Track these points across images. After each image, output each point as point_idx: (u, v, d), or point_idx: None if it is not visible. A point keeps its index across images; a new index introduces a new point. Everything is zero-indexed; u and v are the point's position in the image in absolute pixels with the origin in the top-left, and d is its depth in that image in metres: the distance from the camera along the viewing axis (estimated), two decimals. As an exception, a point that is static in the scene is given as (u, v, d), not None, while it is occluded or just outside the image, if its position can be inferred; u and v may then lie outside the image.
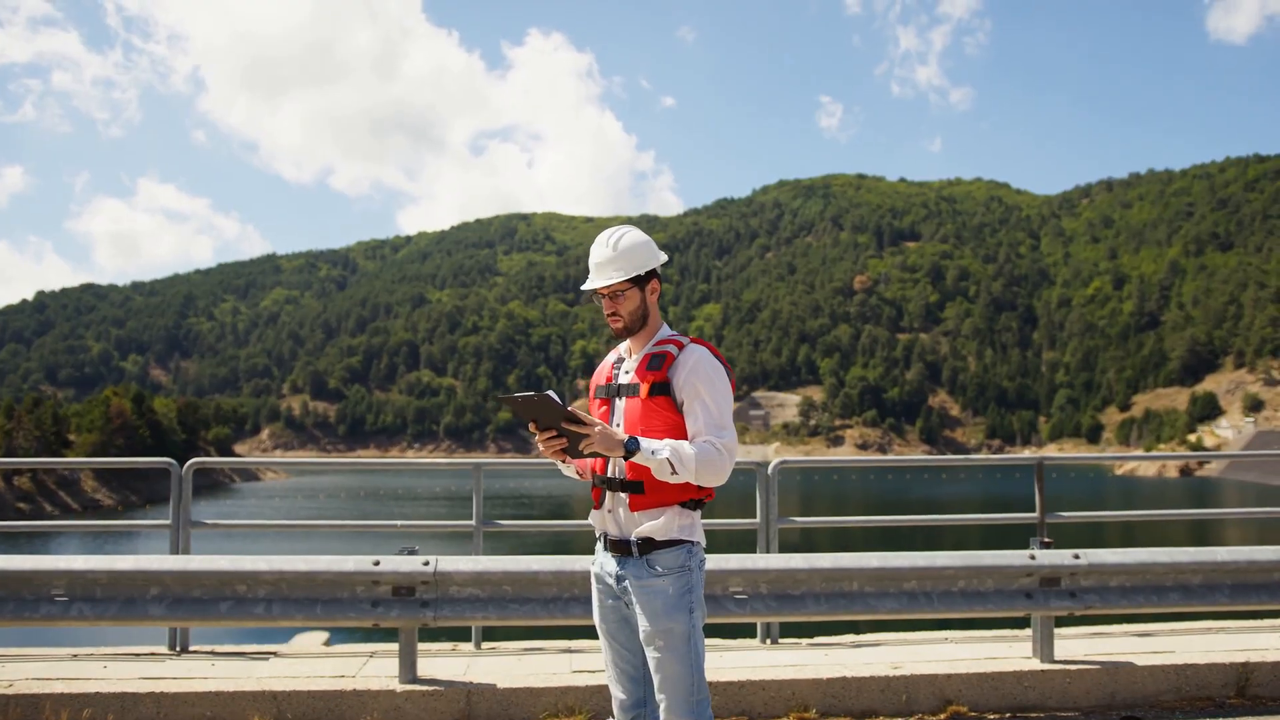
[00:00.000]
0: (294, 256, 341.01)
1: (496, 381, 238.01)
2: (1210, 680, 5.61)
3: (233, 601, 5.07)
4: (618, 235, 3.24)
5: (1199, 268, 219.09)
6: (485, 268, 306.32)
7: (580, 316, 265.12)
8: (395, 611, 5.09)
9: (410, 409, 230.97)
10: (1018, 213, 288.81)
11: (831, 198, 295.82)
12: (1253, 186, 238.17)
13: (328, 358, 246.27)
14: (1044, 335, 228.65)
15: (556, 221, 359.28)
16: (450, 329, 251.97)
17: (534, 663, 5.65)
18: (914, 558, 5.50)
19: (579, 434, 2.93)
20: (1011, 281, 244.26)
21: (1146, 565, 5.68)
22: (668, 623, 3.05)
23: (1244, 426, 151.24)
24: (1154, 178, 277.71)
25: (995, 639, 6.32)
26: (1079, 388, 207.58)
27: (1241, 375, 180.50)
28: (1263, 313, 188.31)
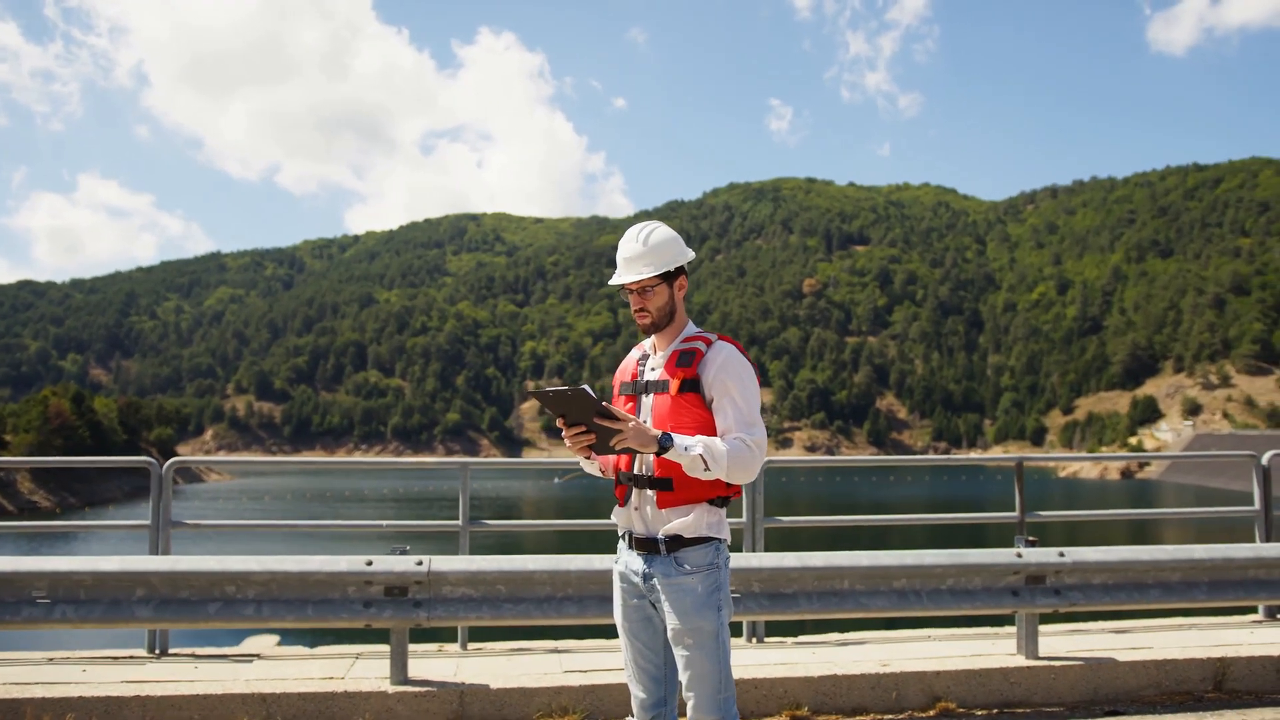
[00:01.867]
0: (239, 255, 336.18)
1: (445, 382, 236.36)
2: (1189, 675, 5.72)
3: (221, 603, 4.98)
4: (648, 230, 3.22)
5: (1140, 274, 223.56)
6: (434, 268, 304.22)
7: (529, 318, 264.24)
8: (388, 612, 5.03)
9: (357, 410, 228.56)
10: (964, 218, 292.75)
11: (781, 201, 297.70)
12: (1191, 195, 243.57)
13: (273, 358, 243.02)
14: (989, 339, 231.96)
15: (506, 222, 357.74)
16: (398, 329, 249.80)
17: (524, 663, 5.61)
18: (904, 556, 5.54)
19: (612, 430, 2.91)
20: (958, 286, 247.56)
21: (1128, 563, 5.78)
22: (697, 620, 3.04)
23: (1183, 430, 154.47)
24: (1097, 185, 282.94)
25: (978, 636, 6.40)
26: (1023, 391, 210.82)
27: (1180, 379, 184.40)
28: (1201, 318, 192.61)
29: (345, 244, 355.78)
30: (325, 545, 25.45)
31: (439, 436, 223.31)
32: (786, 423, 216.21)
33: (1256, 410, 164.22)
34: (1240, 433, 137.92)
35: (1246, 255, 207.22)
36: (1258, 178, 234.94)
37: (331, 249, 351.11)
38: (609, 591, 5.29)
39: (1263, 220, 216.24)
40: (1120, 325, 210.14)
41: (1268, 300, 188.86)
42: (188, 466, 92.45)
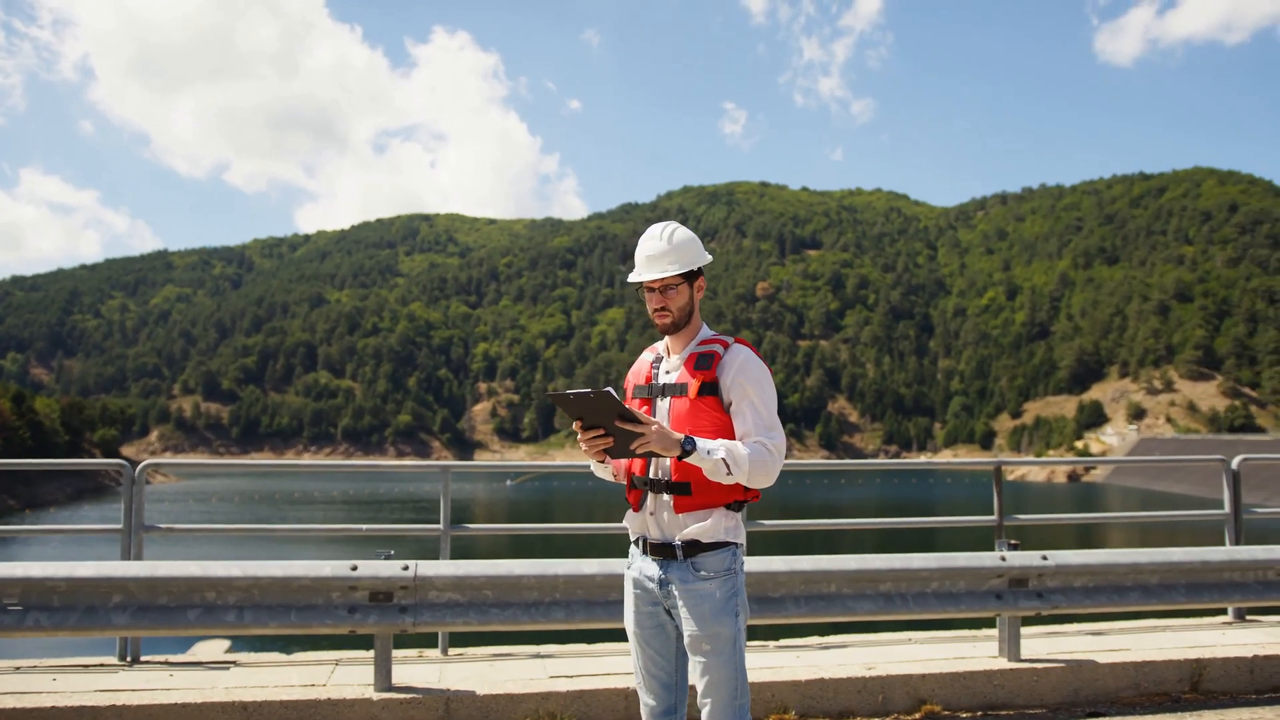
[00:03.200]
0: (187, 253, 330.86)
1: (396, 384, 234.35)
2: (1166, 676, 5.80)
3: (202, 609, 4.86)
4: (670, 229, 3.18)
5: (1087, 280, 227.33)
6: (386, 268, 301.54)
7: (482, 319, 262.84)
8: (373, 617, 4.94)
9: (307, 411, 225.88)
10: (916, 223, 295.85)
11: (735, 205, 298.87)
12: (1137, 203, 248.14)
13: (221, 358, 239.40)
14: (940, 344, 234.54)
15: (459, 223, 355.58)
16: (349, 330, 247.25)
17: (508, 669, 5.54)
18: (890, 559, 5.55)
19: (634, 433, 2.85)
20: (909, 291, 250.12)
21: (1109, 566, 5.85)
22: (715, 626, 3.00)
23: (1127, 434, 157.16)
24: (1045, 192, 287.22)
25: (958, 639, 6.43)
26: (973, 395, 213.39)
27: (1125, 384, 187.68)
28: (1146, 324, 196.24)
29: (296, 243, 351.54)
30: (296, 549, 25.16)
31: (390, 438, 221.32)
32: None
33: (1198, 415, 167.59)
34: (1182, 437, 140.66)
35: (1189, 263, 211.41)
36: (1200, 187, 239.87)
37: (282, 248, 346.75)
38: (596, 596, 5.25)
39: (1205, 229, 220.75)
40: (1067, 331, 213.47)
41: (1209, 307, 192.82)
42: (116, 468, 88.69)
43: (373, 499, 79.88)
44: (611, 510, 25.37)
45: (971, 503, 74.76)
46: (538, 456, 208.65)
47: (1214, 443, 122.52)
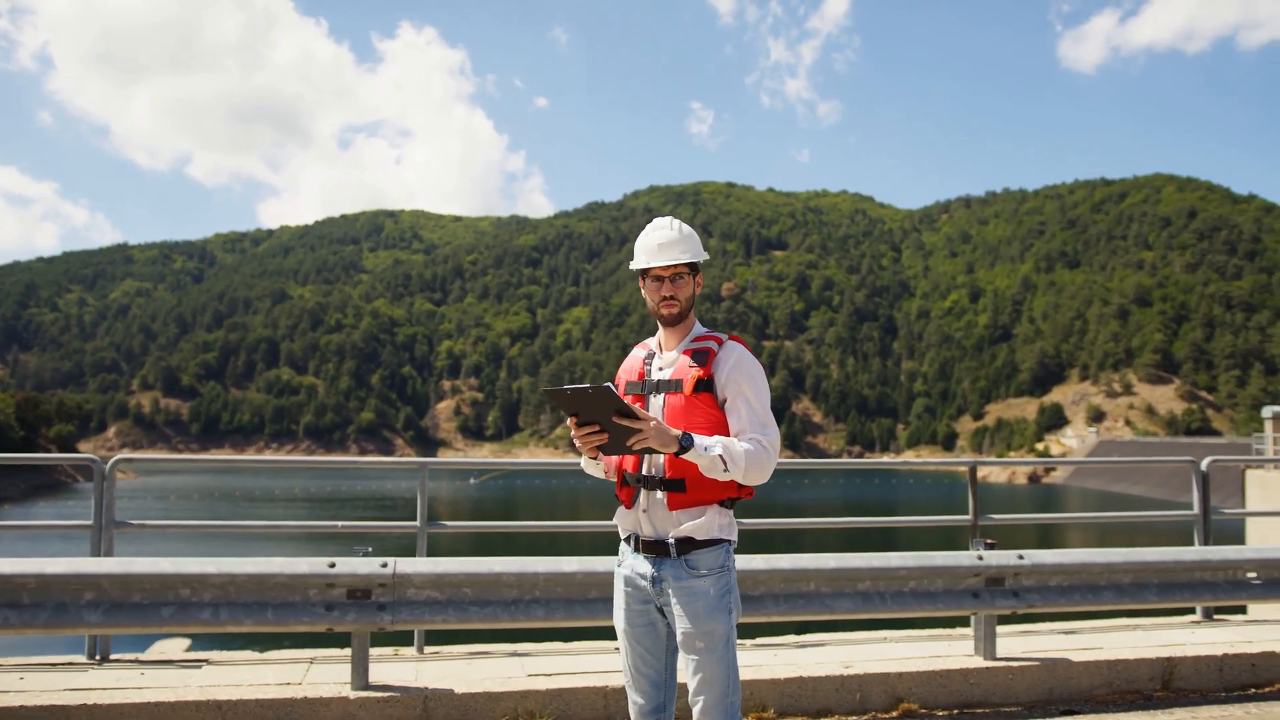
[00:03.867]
0: (147, 247, 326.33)
1: (359, 381, 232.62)
2: (1139, 674, 5.86)
3: (176, 606, 4.78)
4: (677, 221, 3.21)
5: (1049, 284, 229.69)
6: (350, 264, 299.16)
7: (447, 317, 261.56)
8: (351, 615, 4.89)
9: (269, 407, 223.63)
10: (881, 225, 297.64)
11: (701, 205, 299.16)
12: (1099, 208, 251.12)
13: (182, 353, 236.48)
14: (903, 345, 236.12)
15: (425, 219, 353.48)
16: (312, 326, 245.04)
17: (485, 667, 5.50)
18: (869, 559, 5.57)
19: (631, 429, 2.83)
20: (874, 292, 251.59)
21: (1084, 565, 5.90)
22: (709, 624, 2.99)
23: (1087, 436, 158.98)
24: (1009, 196, 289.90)
25: (933, 638, 6.47)
26: (936, 397, 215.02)
27: (1086, 387, 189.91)
28: (1106, 328, 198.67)
29: (259, 238, 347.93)
30: (265, 546, 24.87)
31: (353, 436, 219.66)
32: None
33: (1156, 418, 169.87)
34: (1141, 439, 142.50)
35: (1149, 268, 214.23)
36: (1160, 193, 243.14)
37: (244, 243, 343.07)
38: (576, 594, 5.22)
39: (1164, 234, 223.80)
40: (1029, 334, 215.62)
41: (1168, 312, 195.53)
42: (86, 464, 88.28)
43: (335, 496, 79.35)
44: (577, 508, 25.79)
45: (934, 503, 75.45)
46: (501, 454, 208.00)
47: (1171, 445, 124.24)
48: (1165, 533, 37.33)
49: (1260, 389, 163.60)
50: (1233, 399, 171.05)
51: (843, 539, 31.71)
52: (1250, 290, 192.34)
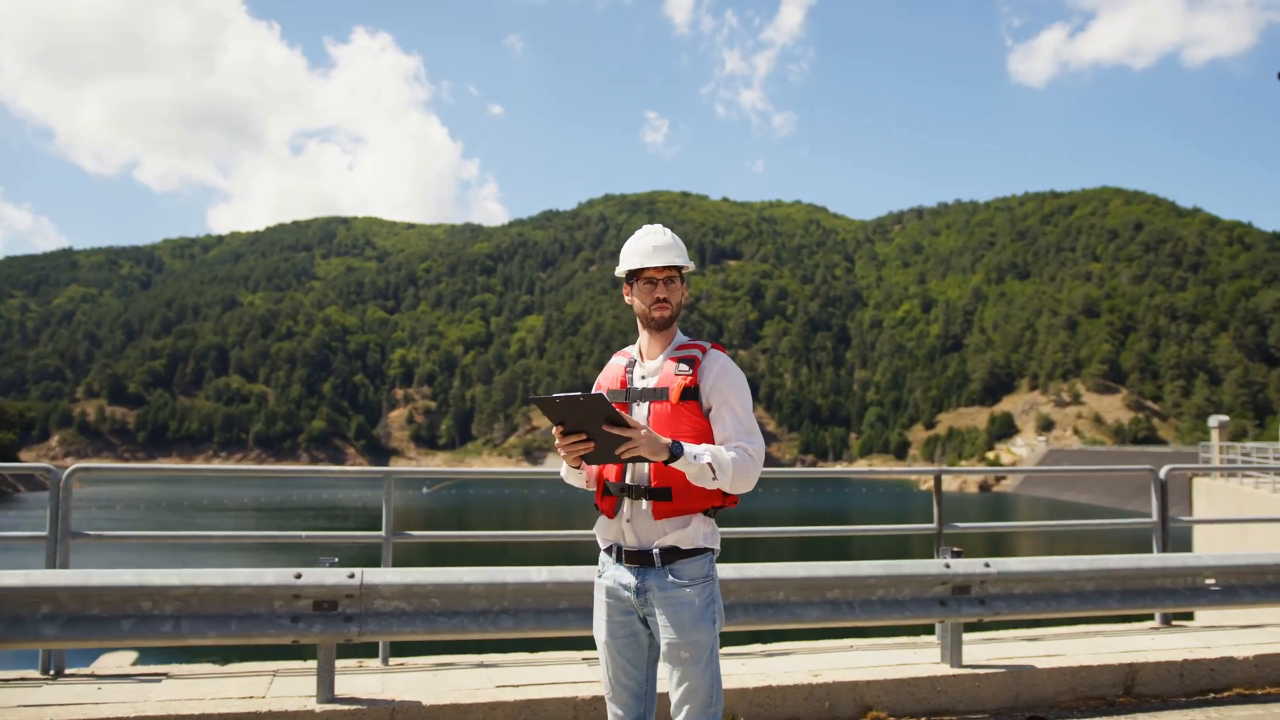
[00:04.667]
0: (93, 252, 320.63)
1: (311, 389, 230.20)
2: (1101, 680, 5.91)
3: (136, 619, 4.67)
4: (665, 228, 3.19)
5: (999, 294, 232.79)
6: (302, 271, 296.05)
7: (400, 325, 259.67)
8: (317, 627, 4.80)
9: (218, 416, 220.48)
10: (834, 236, 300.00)
11: (657, 214, 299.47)
12: (1048, 220, 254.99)
13: (128, 360, 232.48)
14: (856, 355, 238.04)
15: (378, 226, 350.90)
16: (263, 333, 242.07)
17: (452, 678, 5.43)
18: (838, 567, 5.59)
19: (620, 438, 2.79)
20: (827, 302, 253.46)
21: (1048, 573, 5.96)
22: (695, 634, 2.96)
23: (1036, 445, 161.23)
24: (960, 208, 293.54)
25: (898, 646, 6.48)
26: (888, 406, 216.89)
27: (1035, 397, 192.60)
28: (1055, 338, 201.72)
29: (208, 244, 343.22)
30: (228, 556, 24.46)
31: (303, 444, 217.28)
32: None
33: (1104, 427, 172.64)
34: (1089, 448, 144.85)
35: (1097, 279, 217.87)
36: (1108, 206, 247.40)
37: (193, 249, 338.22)
38: (545, 605, 5.18)
39: (1112, 246, 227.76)
40: (980, 344, 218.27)
41: (1115, 323, 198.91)
42: (31, 474, 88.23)
43: (286, 506, 78.41)
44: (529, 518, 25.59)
45: (887, 512, 76.12)
46: (454, 463, 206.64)
47: (1119, 454, 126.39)
48: (1111, 540, 37.88)
49: (1204, 398, 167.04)
50: (1178, 408, 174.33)
51: (796, 548, 31.86)
52: (1194, 302, 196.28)
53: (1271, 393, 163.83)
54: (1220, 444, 33.60)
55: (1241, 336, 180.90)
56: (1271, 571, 6.50)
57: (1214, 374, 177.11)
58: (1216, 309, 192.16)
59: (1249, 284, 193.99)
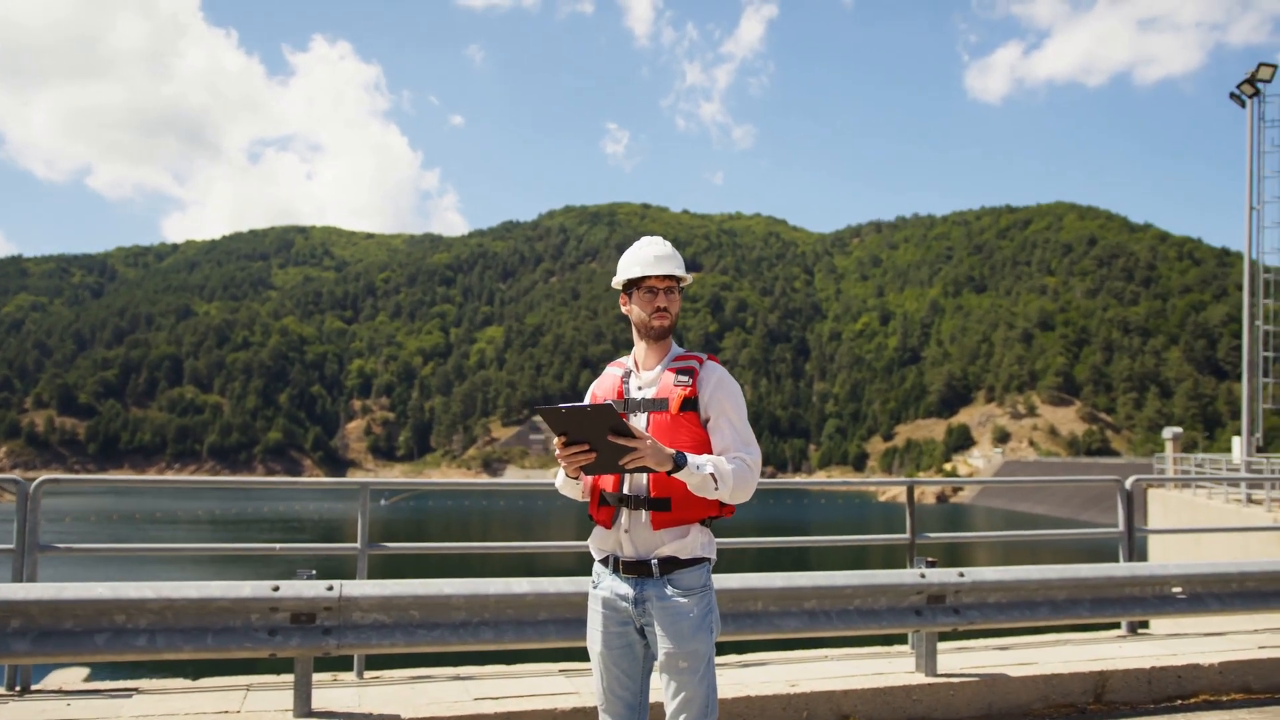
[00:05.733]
0: (43, 260, 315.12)
1: (267, 400, 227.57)
2: (1073, 688, 5.99)
3: (110, 633, 4.59)
4: (663, 239, 3.22)
5: (956, 307, 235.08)
6: (258, 281, 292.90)
7: (358, 335, 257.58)
8: (295, 640, 4.75)
9: (171, 427, 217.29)
10: (794, 249, 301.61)
11: (617, 225, 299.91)
12: (1004, 234, 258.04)
13: (79, 370, 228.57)
14: (815, 367, 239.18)
15: (336, 236, 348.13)
16: (218, 343, 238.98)
17: (429, 691, 5.39)
18: (815, 577, 5.61)
19: (624, 448, 2.79)
20: (787, 314, 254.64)
21: (1021, 582, 6.03)
22: (693, 644, 2.97)
23: (993, 456, 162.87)
24: (918, 222, 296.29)
25: (873, 655, 6.53)
26: (847, 418, 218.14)
27: (991, 409, 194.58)
28: (1011, 351, 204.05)
29: (163, 252, 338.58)
30: (189, 569, 24.16)
31: (259, 456, 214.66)
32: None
33: (1059, 439, 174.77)
34: (1044, 459, 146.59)
35: (1051, 293, 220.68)
36: (1062, 221, 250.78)
37: (147, 257, 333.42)
38: (525, 616, 5.16)
39: (1066, 261, 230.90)
40: (937, 356, 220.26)
41: (1069, 336, 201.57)
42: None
43: (240, 518, 77.53)
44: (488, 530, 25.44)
45: (846, 522, 76.57)
46: (413, 475, 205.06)
47: (1073, 465, 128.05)
48: (1066, 549, 38.37)
49: (1156, 411, 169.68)
50: (1130, 420, 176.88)
51: (757, 559, 31.92)
52: (1146, 316, 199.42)
53: (1220, 405, 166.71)
54: (1174, 455, 34.19)
55: (1191, 350, 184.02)
56: (1235, 580, 6.62)
57: (1165, 387, 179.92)
58: (1167, 323, 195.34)
59: (1198, 299, 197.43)
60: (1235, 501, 23.74)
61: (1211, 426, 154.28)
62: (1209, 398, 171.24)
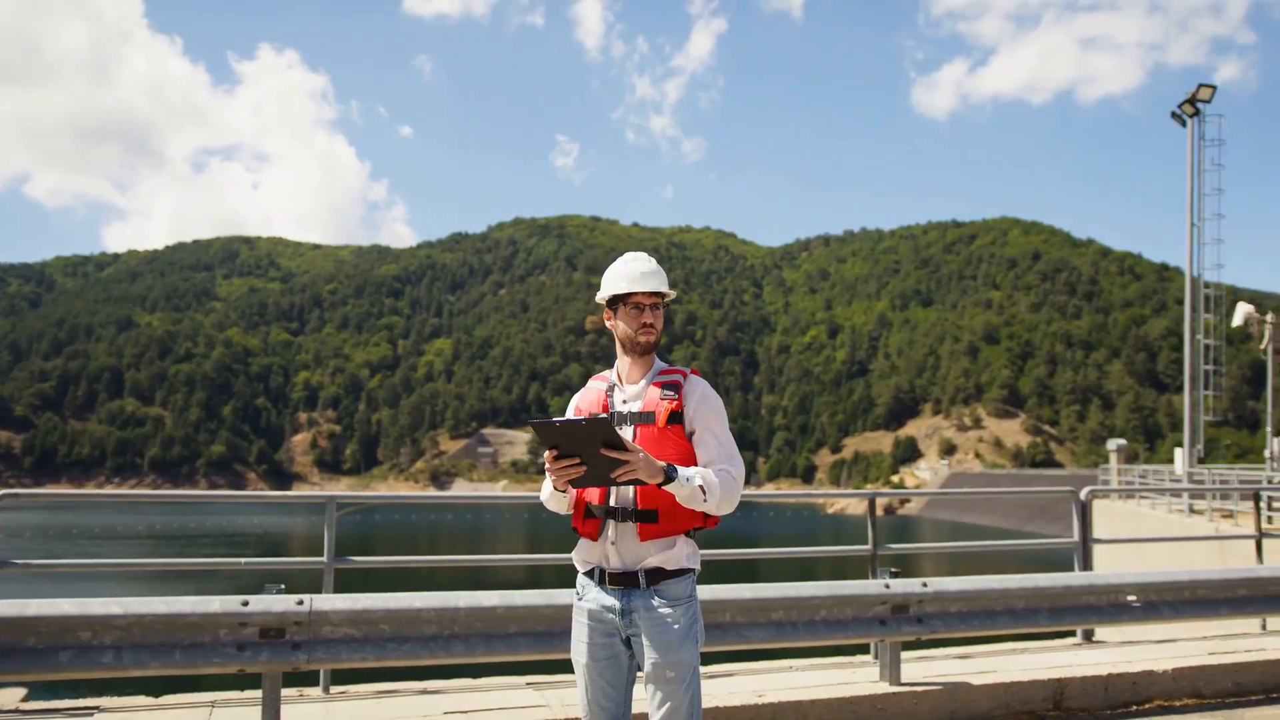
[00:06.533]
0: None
1: (210, 412, 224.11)
2: (1032, 696, 6.10)
3: (75, 650, 4.52)
4: (649, 255, 3.27)
5: (903, 321, 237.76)
6: (202, 292, 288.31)
7: (304, 347, 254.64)
8: (264, 655, 4.70)
9: (111, 440, 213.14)
10: (743, 262, 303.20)
11: (566, 238, 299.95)
12: (950, 249, 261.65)
13: (15, 382, 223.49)
14: (764, 380, 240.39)
15: (282, 247, 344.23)
16: (160, 355, 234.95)
17: (398, 706, 5.36)
18: (783, 588, 5.67)
19: (615, 461, 2.82)
20: (735, 327, 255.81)
21: (982, 591, 6.13)
22: (680, 654, 3.01)
23: (939, 468, 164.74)
24: (866, 236, 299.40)
25: (836, 665, 6.59)
26: (795, 430, 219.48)
27: (938, 421, 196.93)
28: (957, 364, 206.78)
29: (103, 262, 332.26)
30: (150, 585, 23.66)
31: (201, 469, 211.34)
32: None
33: (1004, 450, 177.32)
34: (990, 471, 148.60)
35: (996, 307, 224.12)
36: (1007, 236, 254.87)
37: (87, 267, 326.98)
38: (495, 629, 5.15)
39: (1011, 275, 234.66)
40: (885, 369, 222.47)
41: (1014, 349, 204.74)
42: None
43: (182, 533, 76.13)
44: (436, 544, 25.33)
45: (796, 535, 76.99)
46: (359, 488, 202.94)
47: (1018, 477, 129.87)
48: (1012, 559, 38.84)
49: (1098, 423, 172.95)
50: (1073, 432, 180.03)
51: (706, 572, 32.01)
52: (1088, 329, 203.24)
53: (1160, 417, 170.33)
54: (1119, 467, 34.81)
55: (1133, 363, 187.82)
56: (1188, 589, 6.79)
57: (1107, 399, 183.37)
58: (1109, 336, 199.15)
59: (1139, 313, 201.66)
60: (1178, 512, 24.25)
61: (1152, 438, 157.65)
62: (1149, 410, 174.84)
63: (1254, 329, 27.48)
